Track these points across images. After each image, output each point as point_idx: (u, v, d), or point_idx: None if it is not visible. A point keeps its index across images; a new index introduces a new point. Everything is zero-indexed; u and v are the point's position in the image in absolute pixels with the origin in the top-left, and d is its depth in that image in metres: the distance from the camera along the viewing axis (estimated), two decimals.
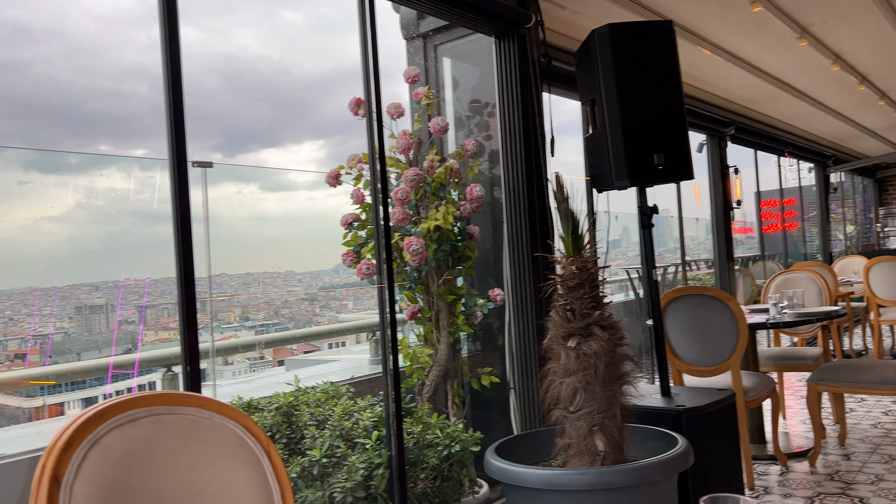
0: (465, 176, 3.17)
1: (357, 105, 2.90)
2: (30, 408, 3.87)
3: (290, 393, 2.69)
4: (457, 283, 3.11)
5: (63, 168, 3.84)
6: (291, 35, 5.73)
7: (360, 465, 2.45)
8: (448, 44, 3.42)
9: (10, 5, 4.19)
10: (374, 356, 3.82)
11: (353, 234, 2.99)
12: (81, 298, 4.20)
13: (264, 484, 1.71)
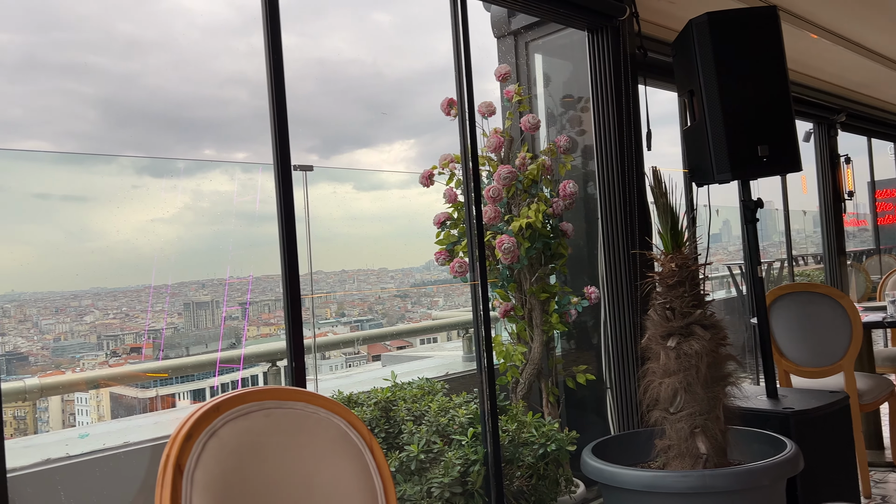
0: (557, 172, 3.14)
1: (449, 105, 2.92)
2: (145, 399, 4.08)
3: (387, 388, 2.75)
4: (550, 281, 3.09)
5: (172, 173, 4.06)
6: (382, 36, 5.84)
7: (456, 461, 2.48)
8: (539, 40, 3.40)
9: (123, 20, 4.47)
10: (467, 353, 3.85)
11: (446, 232, 3.02)
12: (189, 295, 4.40)
13: (367, 477, 1.76)
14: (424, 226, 5.03)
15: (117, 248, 3.81)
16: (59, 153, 3.41)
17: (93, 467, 2.02)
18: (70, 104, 4.11)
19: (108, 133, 4.42)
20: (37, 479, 1.90)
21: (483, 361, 2.54)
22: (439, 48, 5.75)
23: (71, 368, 3.86)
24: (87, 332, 4.00)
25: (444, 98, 2.94)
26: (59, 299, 3.95)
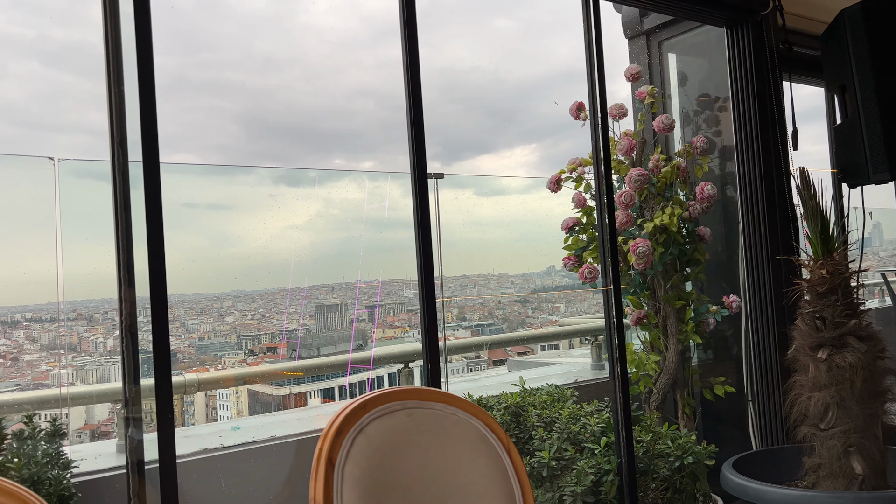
0: (693, 175, 3.03)
1: (578, 109, 2.89)
2: (279, 396, 4.27)
3: (517, 393, 2.75)
4: (685, 288, 2.98)
5: (305, 182, 4.26)
6: (503, 43, 5.86)
7: (589, 469, 2.44)
8: (673, 39, 3.30)
9: (260, 39, 4.74)
10: (596, 361, 3.77)
11: (574, 237, 2.98)
12: (320, 298, 4.57)
13: (506, 480, 1.77)
14: (545, 231, 4.98)
15: (255, 253, 4.03)
16: (204, 165, 3.65)
17: (247, 458, 2.16)
18: (214, 119, 4.41)
19: (247, 145, 4.71)
20: (199, 467, 2.05)
21: (616, 369, 2.48)
22: (560, 52, 5.68)
23: (213, 366, 4.12)
24: (227, 332, 4.24)
25: (573, 102, 2.91)
26: (204, 301, 4.21)
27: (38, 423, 1.97)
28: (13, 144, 3.60)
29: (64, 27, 3.83)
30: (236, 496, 2.08)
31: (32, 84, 3.72)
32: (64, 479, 1.87)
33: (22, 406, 2.37)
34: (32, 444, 1.89)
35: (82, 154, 2.82)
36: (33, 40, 3.78)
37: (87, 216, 2.71)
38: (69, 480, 1.90)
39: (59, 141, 3.91)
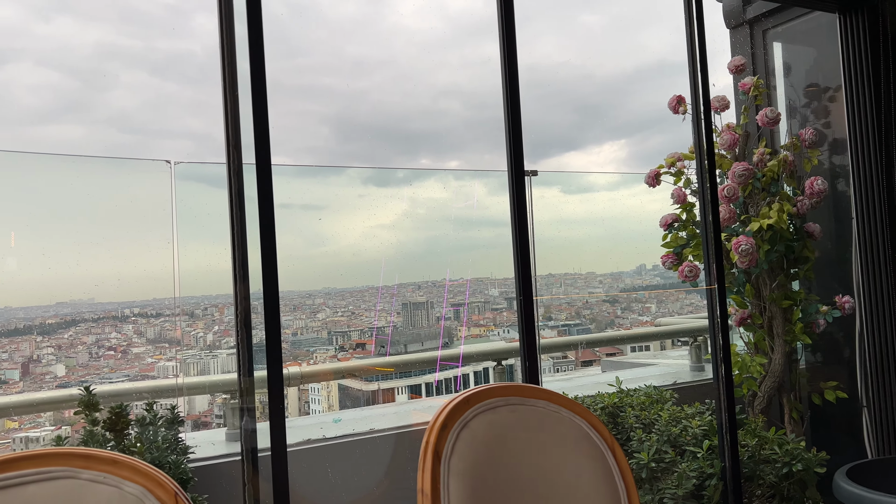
0: (801, 168, 2.89)
1: (678, 102, 2.81)
2: (368, 391, 4.35)
3: (613, 394, 2.70)
4: (793, 287, 2.85)
5: (392, 182, 4.33)
6: (590, 38, 5.78)
7: (690, 473, 2.37)
8: (779, 27, 3.15)
9: (350, 43, 4.85)
10: (695, 362, 3.66)
11: (674, 234, 2.90)
12: (407, 296, 4.62)
13: (610, 479, 1.74)
14: (636, 228, 4.87)
15: (345, 252, 4.13)
16: (297, 166, 3.76)
17: (348, 449, 2.21)
18: (306, 122, 4.54)
19: (338, 147, 4.83)
20: (304, 456, 2.12)
21: (721, 371, 2.40)
22: (651, 45, 5.55)
23: (306, 361, 4.24)
24: (319, 328, 4.36)
25: (672, 95, 2.84)
26: (297, 298, 4.34)
27: (157, 411, 2.09)
28: (126, 149, 3.82)
29: (168, 38, 4.04)
30: (342, 485, 2.14)
31: (141, 93, 3.94)
32: (182, 463, 1.97)
33: (142, 394, 2.52)
34: (153, 430, 2.01)
35: (185, 157, 2.96)
36: (141, 51, 4.01)
37: (199, 216, 2.85)
38: (186, 465, 2.00)
39: (165, 146, 4.13)
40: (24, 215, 2.85)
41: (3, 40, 3.36)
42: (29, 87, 3.50)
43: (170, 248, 2.59)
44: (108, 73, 3.82)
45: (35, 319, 3.35)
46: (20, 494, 1.17)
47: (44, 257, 2.91)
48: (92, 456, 1.22)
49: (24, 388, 3.13)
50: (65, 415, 2.95)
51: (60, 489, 1.20)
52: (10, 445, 2.86)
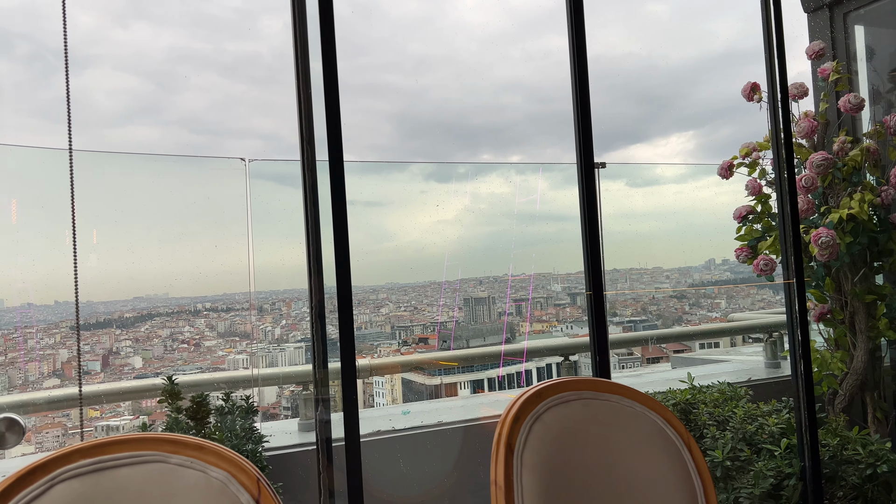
0: (885, 157, 2.76)
1: (752, 90, 2.73)
2: (431, 385, 4.38)
3: (686, 390, 2.64)
4: (876, 281, 2.73)
5: (454, 177, 4.34)
6: (656, 27, 5.65)
7: (767, 472, 2.30)
8: (861, 9, 3.01)
9: (412, 40, 4.88)
10: (771, 359, 3.55)
11: (748, 227, 2.81)
12: (469, 292, 4.62)
13: (687, 477, 1.71)
14: (705, 222, 4.75)
15: (407, 247, 4.16)
16: (361, 163, 3.82)
17: (418, 441, 2.24)
18: (370, 120, 4.59)
19: (400, 144, 4.87)
20: (375, 447, 2.15)
21: (799, 368, 2.32)
22: (720, 33, 5.39)
23: (370, 354, 4.29)
24: (382, 323, 4.41)
25: (746, 83, 2.75)
26: (361, 293, 4.40)
27: (234, 400, 2.16)
28: (198, 149, 3.95)
29: (236, 41, 4.15)
30: (413, 475, 2.17)
31: (211, 94, 4.07)
32: (258, 451, 2.03)
33: (218, 385, 2.60)
34: (231, 419, 2.07)
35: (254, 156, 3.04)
36: (211, 54, 4.13)
37: (271, 213, 2.92)
38: (262, 453, 2.06)
39: (234, 145, 4.24)
40: (105, 213, 2.97)
41: (84, 47, 3.51)
42: (107, 91, 3.65)
43: (245, 244, 2.67)
44: (180, 76, 3.95)
45: (114, 313, 3.50)
46: (113, 476, 1.22)
47: (123, 254, 3.03)
48: (179, 441, 1.27)
49: (105, 378, 3.28)
50: (142, 404, 3.08)
51: (151, 472, 1.25)
52: (93, 433, 2.99)
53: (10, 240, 2.66)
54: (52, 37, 1.81)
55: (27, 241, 2.67)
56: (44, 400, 2.75)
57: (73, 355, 3.03)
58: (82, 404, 2.02)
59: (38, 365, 3.04)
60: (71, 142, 1.78)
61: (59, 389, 2.87)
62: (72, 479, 1.18)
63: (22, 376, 3.02)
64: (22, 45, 3.36)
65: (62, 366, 3.15)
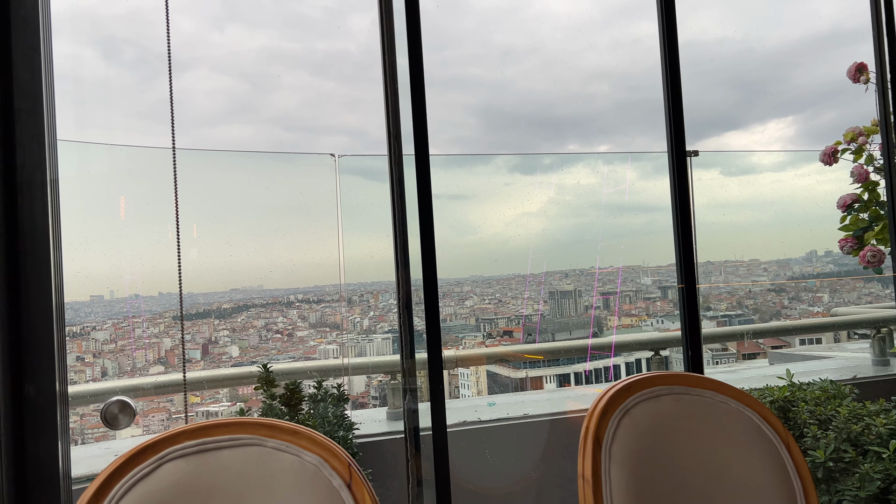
0: None
1: (858, 70, 2.57)
2: (516, 378, 4.37)
3: (784, 387, 2.53)
4: None
5: (539, 169, 4.30)
6: (752, 10, 5.40)
7: (875, 475, 2.17)
8: None
9: (497, 32, 4.86)
10: (878, 356, 3.34)
11: (854, 216, 2.66)
12: (554, 285, 4.58)
13: (785, 477, 1.64)
14: (806, 211, 4.51)
15: (491, 240, 4.16)
16: (446, 156, 3.84)
17: (505, 432, 2.24)
18: (454, 114, 4.62)
19: (484, 136, 4.87)
20: (462, 437, 2.17)
21: None
22: (822, 12, 5.09)
23: (455, 346, 4.32)
24: (467, 315, 4.42)
25: (852, 63, 2.59)
26: (445, 285, 4.43)
27: (326, 388, 2.23)
28: (289, 146, 4.09)
29: (326, 39, 4.26)
30: (499, 467, 2.17)
31: (302, 92, 4.19)
32: (349, 438, 2.09)
33: (310, 373, 2.70)
34: (323, 406, 2.14)
35: (343, 152, 3.12)
36: (301, 53, 4.26)
37: (359, 207, 2.99)
38: (353, 440, 2.12)
39: (323, 142, 4.37)
40: (204, 209, 3.13)
41: (183, 50, 3.69)
42: (205, 92, 3.83)
43: (334, 237, 2.75)
44: (272, 75, 4.10)
45: (213, 304, 3.67)
46: (215, 458, 1.29)
47: (221, 247, 3.18)
48: (276, 426, 1.33)
49: (205, 366, 3.45)
50: (239, 391, 3.22)
51: (249, 455, 1.31)
52: (195, 418, 3.16)
53: (120, 234, 2.84)
54: (155, 42, 1.91)
55: (134, 235, 2.85)
56: (150, 385, 2.93)
57: (176, 344, 3.21)
58: (186, 389, 2.14)
59: (144, 352, 3.24)
60: (174, 141, 1.89)
61: (163, 375, 3.05)
62: (178, 458, 1.25)
63: (130, 363, 3.23)
64: (129, 50, 3.58)
65: (166, 353, 3.34)
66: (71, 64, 2.93)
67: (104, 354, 3.24)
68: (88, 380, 3.15)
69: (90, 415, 2.76)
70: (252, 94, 4.06)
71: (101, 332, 3.26)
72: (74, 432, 2.79)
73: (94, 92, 3.06)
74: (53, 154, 1.56)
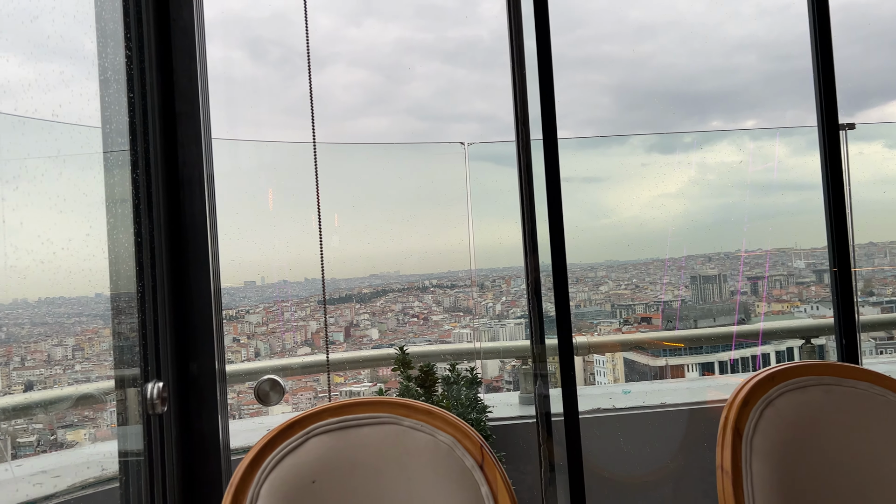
0: None
1: None
2: (655, 367, 4.25)
3: None
4: None
5: (678, 148, 4.12)
6: None
7: None
8: None
9: (632, 7, 4.69)
10: None
11: None
12: (695, 269, 4.39)
13: None
14: None
15: (627, 223, 4.05)
16: (579, 139, 3.77)
17: (640, 421, 2.20)
18: (587, 94, 4.52)
19: (620, 116, 4.73)
20: (595, 424, 2.15)
21: None
22: None
23: (589, 333, 4.26)
24: (602, 301, 4.35)
25: None
26: (579, 270, 4.37)
27: (459, 371, 2.29)
28: (423, 135, 4.19)
29: (458, 27, 4.31)
30: (634, 455, 2.14)
31: (434, 81, 4.28)
32: (482, 421, 2.13)
33: (444, 356, 2.77)
34: (457, 388, 2.20)
35: (474, 139, 3.16)
36: (434, 42, 4.34)
37: (489, 193, 3.03)
38: (486, 423, 2.16)
39: (455, 129, 4.43)
40: (344, 199, 3.29)
41: (324, 46, 3.87)
42: (344, 86, 4.01)
43: (465, 224, 2.80)
44: (406, 66, 4.22)
45: (354, 289, 3.86)
46: (356, 434, 1.37)
47: (360, 235, 3.33)
48: (411, 406, 1.38)
49: (347, 348, 3.64)
50: (379, 373, 3.37)
51: (387, 433, 1.38)
52: (337, 398, 3.35)
53: (268, 224, 3.05)
54: (297, 40, 2.03)
55: (282, 225, 3.05)
56: (298, 365, 3.14)
57: (320, 327, 3.41)
58: (329, 370, 2.27)
59: (293, 335, 3.47)
60: (314, 135, 2.00)
61: (309, 356, 3.25)
62: (323, 434, 1.34)
63: (280, 344, 3.47)
64: (274, 50, 3.81)
65: (312, 336, 3.56)
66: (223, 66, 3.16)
67: (257, 336, 3.50)
68: (244, 360, 3.43)
69: (246, 392, 3.01)
70: (387, 86, 4.20)
71: (254, 315, 3.53)
72: (232, 408, 3.05)
73: (242, 91, 3.29)
74: (209, 152, 1.70)
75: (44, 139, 1.64)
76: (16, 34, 1.53)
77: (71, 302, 2.08)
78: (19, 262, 1.57)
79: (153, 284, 1.61)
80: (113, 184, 1.61)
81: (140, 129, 1.61)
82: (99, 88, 1.59)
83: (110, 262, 1.59)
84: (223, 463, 1.66)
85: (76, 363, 2.20)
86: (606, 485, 2.09)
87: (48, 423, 2.12)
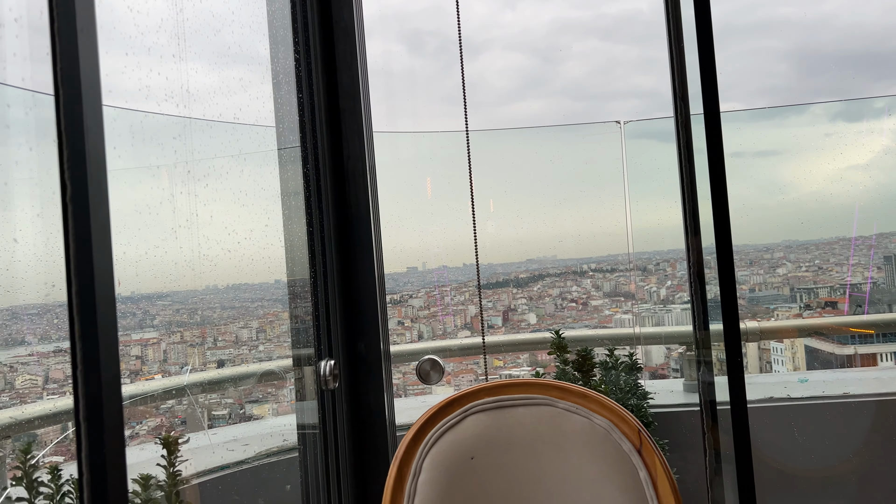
0: None
1: None
2: (842, 355, 3.91)
3: None
4: None
5: (868, 114, 3.73)
6: None
7: None
8: None
9: None
10: None
11: None
12: (890, 248, 3.99)
13: None
14: None
15: (807, 199, 3.73)
16: (750, 110, 3.53)
17: (819, 412, 2.04)
18: (760, 62, 4.20)
19: (798, 84, 4.35)
20: (766, 413, 2.03)
21: None
22: None
23: (765, 318, 3.99)
24: (779, 284, 4.06)
25: None
26: (752, 251, 4.11)
27: (618, 356, 2.25)
28: (579, 116, 4.12)
29: (615, 2, 4.18)
30: (810, 448, 2.00)
31: (591, 60, 4.18)
32: (642, 407, 2.09)
33: (602, 341, 2.74)
34: (615, 374, 2.16)
35: (633, 116, 3.05)
36: (590, 20, 4.24)
37: (647, 172, 2.93)
38: (647, 409, 2.11)
39: (613, 107, 4.31)
40: (498, 185, 3.33)
41: (478, 33, 3.92)
42: (498, 71, 4.04)
43: (622, 205, 2.73)
44: (562, 47, 4.16)
45: (511, 274, 3.90)
46: (511, 414, 1.40)
47: (515, 220, 3.36)
48: (565, 388, 1.39)
49: (506, 331, 3.69)
50: (538, 357, 3.39)
51: (542, 414, 1.39)
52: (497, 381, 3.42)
53: (427, 212, 3.17)
54: (452, 29, 2.08)
55: (439, 212, 3.15)
56: (457, 347, 3.24)
57: (479, 311, 3.49)
58: (485, 353, 2.32)
59: (452, 318, 3.58)
60: (467, 123, 2.05)
61: (468, 339, 3.34)
62: (480, 412, 1.38)
63: (441, 327, 3.59)
64: (431, 41, 3.92)
65: (471, 319, 3.65)
66: (383, 60, 3.31)
67: (420, 319, 3.65)
68: (408, 342, 3.59)
69: (410, 373, 3.16)
70: (542, 68, 4.17)
71: (417, 299, 3.69)
72: (398, 388, 3.21)
73: (401, 83, 3.43)
74: (370, 145, 1.80)
75: (228, 140, 1.82)
76: (202, 47, 1.71)
77: (253, 287, 2.30)
78: (210, 251, 1.76)
79: (324, 270, 1.73)
80: (287, 178, 1.76)
81: (309, 127, 1.74)
82: (272, 91, 1.74)
83: (286, 250, 1.74)
84: (389, 436, 1.76)
85: (260, 343, 2.43)
86: (779, 477, 1.97)
87: (237, 398, 2.37)
